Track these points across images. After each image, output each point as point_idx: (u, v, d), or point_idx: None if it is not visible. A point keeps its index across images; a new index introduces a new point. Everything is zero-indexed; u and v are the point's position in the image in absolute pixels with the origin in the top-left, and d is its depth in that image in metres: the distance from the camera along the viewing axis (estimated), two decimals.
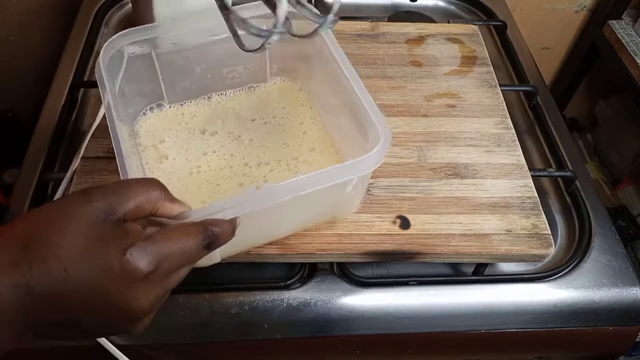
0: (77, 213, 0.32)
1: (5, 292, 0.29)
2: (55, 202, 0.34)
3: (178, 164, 0.55)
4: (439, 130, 0.63)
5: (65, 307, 0.31)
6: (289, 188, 0.42)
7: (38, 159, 0.62)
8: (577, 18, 1.11)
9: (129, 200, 0.33)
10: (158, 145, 0.57)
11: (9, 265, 0.30)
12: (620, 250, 0.60)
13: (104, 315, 0.32)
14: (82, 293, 0.31)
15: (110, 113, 0.46)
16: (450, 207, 0.56)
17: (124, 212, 0.33)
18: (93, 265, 0.31)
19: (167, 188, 0.37)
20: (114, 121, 0.45)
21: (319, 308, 0.54)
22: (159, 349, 0.53)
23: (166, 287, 0.35)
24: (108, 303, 0.31)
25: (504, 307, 0.56)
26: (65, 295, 0.30)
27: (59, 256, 0.30)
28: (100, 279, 0.31)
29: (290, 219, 0.51)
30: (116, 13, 0.84)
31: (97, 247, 0.31)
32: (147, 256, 0.32)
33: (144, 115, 0.59)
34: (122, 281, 0.31)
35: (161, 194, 0.36)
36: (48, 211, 0.32)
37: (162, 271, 0.33)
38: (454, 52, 0.73)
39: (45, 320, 0.31)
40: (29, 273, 0.30)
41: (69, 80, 0.70)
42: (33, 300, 0.30)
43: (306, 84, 0.62)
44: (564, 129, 0.71)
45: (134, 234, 0.33)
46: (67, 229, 0.31)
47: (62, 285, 0.30)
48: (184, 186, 0.54)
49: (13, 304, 0.29)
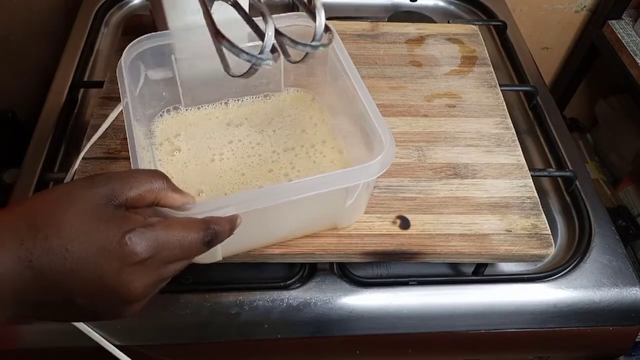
0: (81, 196, 0.33)
1: (7, 265, 0.31)
2: (61, 185, 0.36)
3: (194, 154, 0.57)
4: (439, 130, 0.63)
5: (63, 284, 0.32)
6: (293, 189, 0.42)
7: (38, 159, 0.62)
8: (577, 18, 1.11)
9: (132, 188, 0.35)
10: (172, 139, 0.58)
11: (13, 240, 0.31)
12: (620, 250, 0.60)
13: (98, 294, 0.33)
14: (79, 271, 0.32)
15: (127, 112, 0.47)
16: (450, 207, 0.56)
17: (126, 199, 0.35)
18: (92, 245, 0.32)
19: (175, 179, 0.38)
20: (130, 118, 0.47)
21: (319, 308, 0.54)
22: (159, 349, 0.53)
23: (161, 275, 0.35)
24: (102, 281, 0.33)
25: (504, 307, 0.56)
26: (64, 272, 0.32)
27: (61, 235, 0.32)
28: (98, 258, 0.32)
29: (292, 222, 0.51)
30: (116, 13, 0.84)
31: (97, 228, 0.33)
32: (145, 241, 0.33)
33: (160, 117, 0.60)
34: (118, 262, 0.33)
35: (164, 185, 0.37)
36: (54, 193, 0.34)
37: (159, 259, 0.34)
38: (454, 52, 0.73)
39: (43, 296, 0.32)
40: (32, 248, 0.31)
41: (69, 80, 0.70)
42: (34, 275, 0.31)
43: (319, 95, 0.63)
44: (564, 129, 0.71)
45: (135, 220, 0.34)
46: (70, 209, 0.33)
47: (62, 261, 0.32)
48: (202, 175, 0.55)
49: (14, 277, 0.31)
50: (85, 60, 0.74)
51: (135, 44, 0.53)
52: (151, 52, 0.54)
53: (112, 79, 0.65)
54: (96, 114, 0.61)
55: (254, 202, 0.42)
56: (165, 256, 0.35)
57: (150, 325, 0.53)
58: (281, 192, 0.42)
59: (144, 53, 0.54)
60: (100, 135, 0.59)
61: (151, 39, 0.54)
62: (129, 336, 0.52)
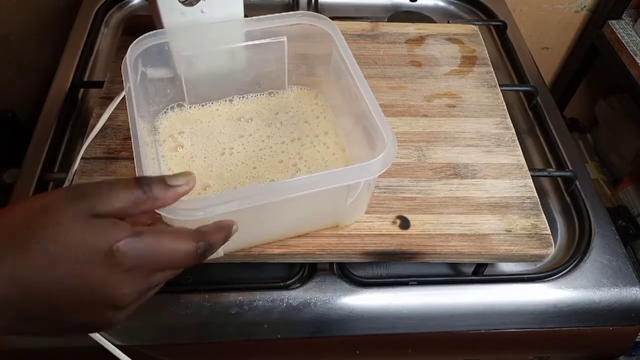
0: (62, 209, 0.33)
1: None
2: (41, 195, 0.35)
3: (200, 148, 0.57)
4: (438, 130, 0.63)
5: (48, 294, 0.32)
6: (295, 186, 0.43)
7: (38, 159, 0.62)
8: (577, 18, 1.11)
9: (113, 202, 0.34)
10: (176, 135, 0.58)
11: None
12: (620, 250, 0.60)
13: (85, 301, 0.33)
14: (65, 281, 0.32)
15: (131, 108, 0.47)
16: (450, 207, 0.56)
17: (108, 212, 0.34)
18: (79, 257, 0.32)
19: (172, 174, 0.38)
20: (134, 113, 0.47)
21: (318, 308, 0.54)
22: (159, 349, 0.53)
23: (150, 283, 0.35)
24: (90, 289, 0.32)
25: (504, 307, 0.56)
26: (50, 283, 0.31)
27: (46, 249, 0.31)
28: (85, 269, 0.32)
29: (294, 219, 0.51)
30: (116, 13, 0.84)
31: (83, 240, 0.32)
32: (134, 251, 0.33)
33: (165, 114, 0.60)
34: (106, 270, 0.32)
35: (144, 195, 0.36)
36: (33, 204, 0.33)
37: (148, 268, 0.34)
38: (454, 52, 0.73)
39: (27, 307, 0.32)
40: (14, 264, 0.31)
41: (69, 80, 0.70)
42: (17, 287, 0.31)
43: (322, 94, 0.63)
44: (564, 129, 0.71)
45: (123, 229, 0.33)
46: (52, 222, 0.32)
47: (46, 274, 0.31)
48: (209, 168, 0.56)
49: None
50: (85, 60, 0.74)
51: (140, 40, 0.53)
52: (155, 49, 0.54)
53: (112, 79, 0.65)
54: (96, 114, 0.61)
55: (256, 197, 0.42)
56: (154, 265, 0.34)
57: (150, 325, 0.53)
58: (283, 189, 0.43)
59: (149, 50, 0.54)
60: (100, 135, 0.59)
61: (156, 36, 0.54)
62: (129, 336, 0.52)
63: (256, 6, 0.85)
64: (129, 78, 0.50)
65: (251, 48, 0.58)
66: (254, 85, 0.62)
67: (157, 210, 0.38)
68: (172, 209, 0.39)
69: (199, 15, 0.58)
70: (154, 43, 0.54)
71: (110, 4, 0.83)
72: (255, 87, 0.62)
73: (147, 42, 0.53)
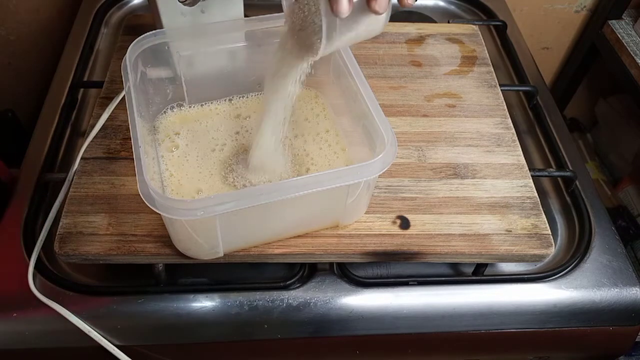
0: None
1: None
2: None
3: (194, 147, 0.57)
4: (439, 130, 0.63)
5: None
6: (294, 186, 0.43)
7: (38, 159, 0.62)
8: (577, 18, 1.11)
9: None
10: (172, 136, 0.58)
11: None
12: (620, 250, 0.60)
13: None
14: None
15: (131, 108, 0.47)
16: (450, 207, 0.56)
17: None
18: None
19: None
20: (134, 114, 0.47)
21: (318, 308, 0.54)
22: (159, 349, 0.53)
23: None
24: None
25: (504, 307, 0.56)
26: None
27: None
28: None
29: (294, 219, 0.51)
30: (116, 13, 0.84)
31: None
32: None
33: (164, 114, 0.60)
34: None
35: None
36: None
37: None
38: (454, 52, 0.73)
39: None
40: None
41: (69, 80, 0.70)
42: None
43: (322, 94, 0.63)
44: (564, 129, 0.71)
45: None
46: None
47: None
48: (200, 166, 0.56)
49: None
50: (85, 60, 0.74)
51: (140, 40, 0.53)
52: (155, 49, 0.54)
53: (112, 79, 0.65)
54: (96, 114, 0.61)
55: (256, 197, 0.42)
56: None
57: (150, 325, 0.53)
58: (283, 189, 0.43)
59: (149, 50, 0.54)
60: (100, 135, 0.59)
61: (156, 36, 0.54)
62: (129, 336, 0.52)
63: (256, 6, 0.85)
64: (129, 78, 0.50)
65: (251, 48, 0.58)
66: (254, 85, 0.62)
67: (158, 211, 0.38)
68: (172, 209, 0.39)
69: (199, 15, 0.58)
70: (154, 43, 0.54)
71: (110, 3, 0.83)
72: (255, 87, 0.62)
73: (147, 42, 0.54)
